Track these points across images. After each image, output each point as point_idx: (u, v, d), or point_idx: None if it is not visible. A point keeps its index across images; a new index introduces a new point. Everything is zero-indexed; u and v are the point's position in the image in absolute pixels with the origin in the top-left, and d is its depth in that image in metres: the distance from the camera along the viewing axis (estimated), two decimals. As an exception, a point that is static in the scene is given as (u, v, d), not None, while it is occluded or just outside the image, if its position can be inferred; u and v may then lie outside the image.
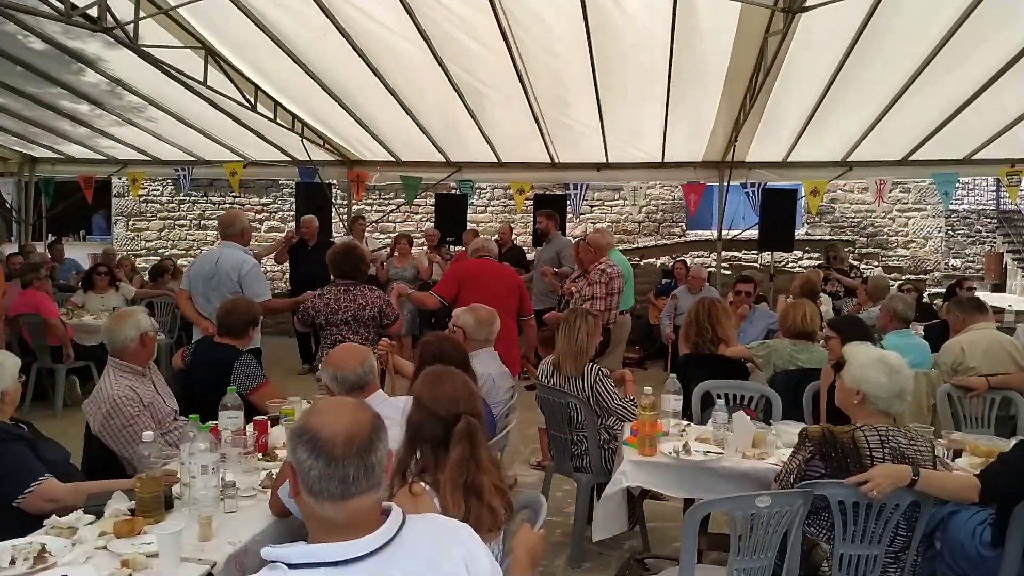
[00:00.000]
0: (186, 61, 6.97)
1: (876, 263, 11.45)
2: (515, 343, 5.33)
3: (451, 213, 9.83)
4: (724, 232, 9.53)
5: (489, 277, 5.24)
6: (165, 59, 6.90)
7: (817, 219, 11.54)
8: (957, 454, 3.31)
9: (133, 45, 6.09)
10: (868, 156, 9.05)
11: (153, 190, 13.13)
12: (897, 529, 2.47)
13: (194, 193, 12.83)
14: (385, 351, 3.92)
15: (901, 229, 11.49)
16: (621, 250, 11.49)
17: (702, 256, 11.43)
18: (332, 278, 4.65)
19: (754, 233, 9.58)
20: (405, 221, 12.36)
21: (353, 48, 6.83)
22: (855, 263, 10.44)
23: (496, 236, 9.56)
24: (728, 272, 9.84)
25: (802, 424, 3.50)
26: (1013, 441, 3.13)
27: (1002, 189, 10.61)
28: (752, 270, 10.40)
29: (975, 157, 8.80)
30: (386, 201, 12.36)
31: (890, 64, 6.73)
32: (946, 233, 11.42)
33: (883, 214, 11.48)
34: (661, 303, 9.38)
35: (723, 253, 10.46)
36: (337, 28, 6.44)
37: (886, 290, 6.90)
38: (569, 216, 10.30)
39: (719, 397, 3.89)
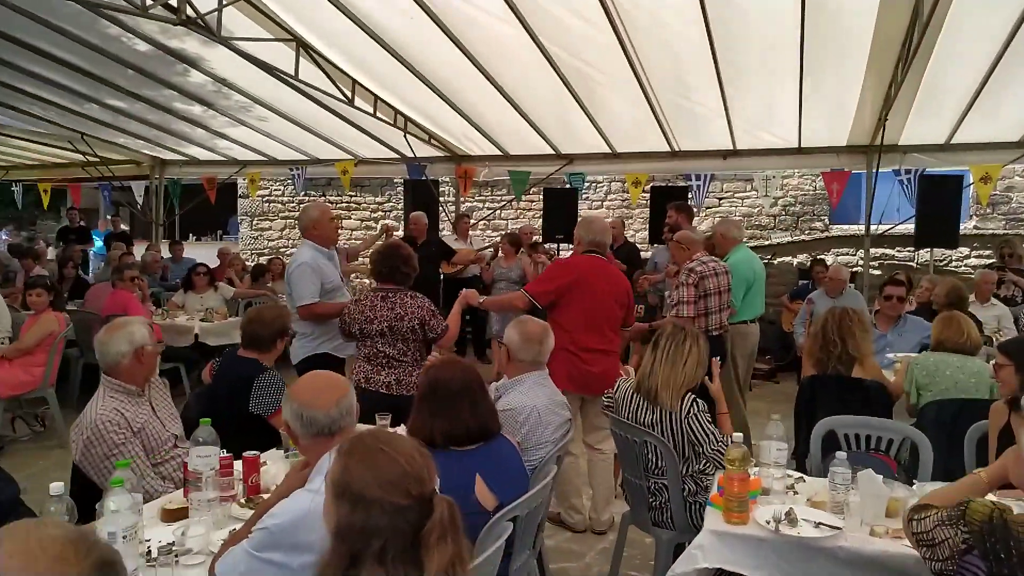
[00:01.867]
0: (278, 56, 6.77)
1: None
2: (618, 357, 4.59)
3: (561, 209, 9.16)
4: (874, 226, 8.29)
5: (597, 280, 4.34)
6: (257, 54, 6.76)
7: (989, 210, 9.91)
8: None
9: (217, 37, 5.90)
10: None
11: (275, 190, 13.37)
12: None
13: (313, 192, 12.92)
14: (435, 367, 3.33)
15: (1098, 221, 9.68)
16: (751, 247, 10.48)
17: (847, 254, 10.10)
18: (375, 283, 4.15)
19: (909, 227, 8.26)
20: (518, 218, 11.84)
21: (448, 36, 6.35)
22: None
23: None
24: (878, 272, 8.58)
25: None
26: None
27: None
28: (907, 270, 9.05)
29: None
30: (498, 197, 11.87)
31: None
32: None
33: (1075, 203, 9.72)
34: (796, 307, 8.29)
35: (873, 250, 9.17)
36: (426, 12, 5.96)
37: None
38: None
39: (850, 441, 3.02)
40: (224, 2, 5.74)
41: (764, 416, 3.07)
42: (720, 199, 11.00)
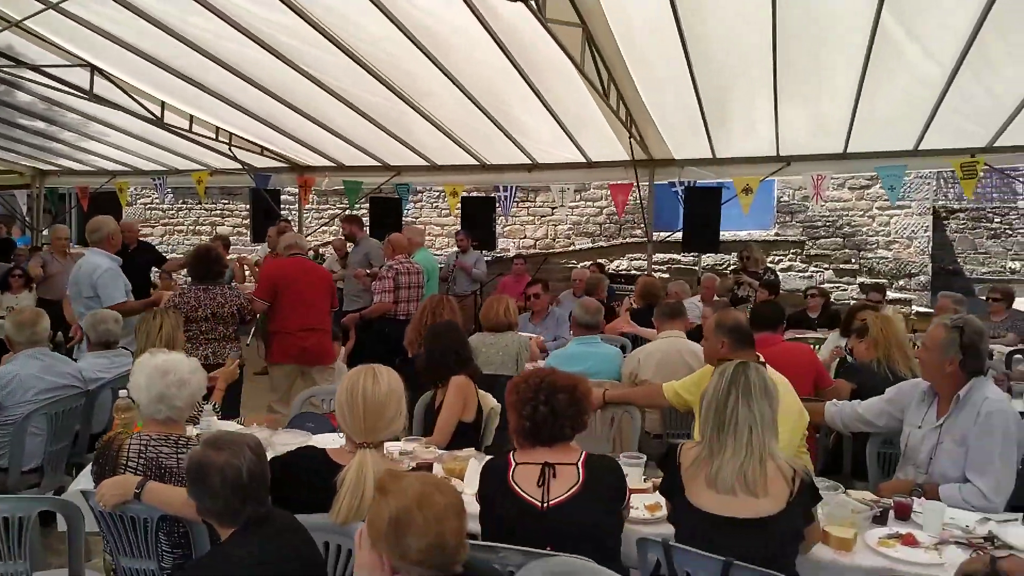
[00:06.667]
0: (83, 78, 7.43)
1: (826, 265, 10.42)
2: (329, 334, 5.69)
3: (386, 216, 9.91)
4: (655, 233, 9.06)
5: (302, 275, 5.58)
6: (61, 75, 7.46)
7: (788, 218, 10.69)
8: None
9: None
10: (808, 149, 8.32)
11: (155, 198, 14.10)
12: (161, 545, 2.31)
13: (190, 200, 13.67)
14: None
15: (882, 228, 10.39)
16: (557, 252, 11.32)
17: (639, 259, 10.88)
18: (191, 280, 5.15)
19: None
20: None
21: (214, 61, 6.97)
22: (813, 265, 9.56)
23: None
24: (667, 276, 9.35)
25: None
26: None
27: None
28: (686, 273, 9.82)
29: (922, 148, 7.88)
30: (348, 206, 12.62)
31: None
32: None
33: (861, 212, 10.44)
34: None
35: (662, 255, 9.95)
36: (190, 45, 6.60)
37: (652, 290, 6.47)
38: (499, 217, 10.10)
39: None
40: (-1, 29, 6.45)
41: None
42: (553, 208, 11.76)
